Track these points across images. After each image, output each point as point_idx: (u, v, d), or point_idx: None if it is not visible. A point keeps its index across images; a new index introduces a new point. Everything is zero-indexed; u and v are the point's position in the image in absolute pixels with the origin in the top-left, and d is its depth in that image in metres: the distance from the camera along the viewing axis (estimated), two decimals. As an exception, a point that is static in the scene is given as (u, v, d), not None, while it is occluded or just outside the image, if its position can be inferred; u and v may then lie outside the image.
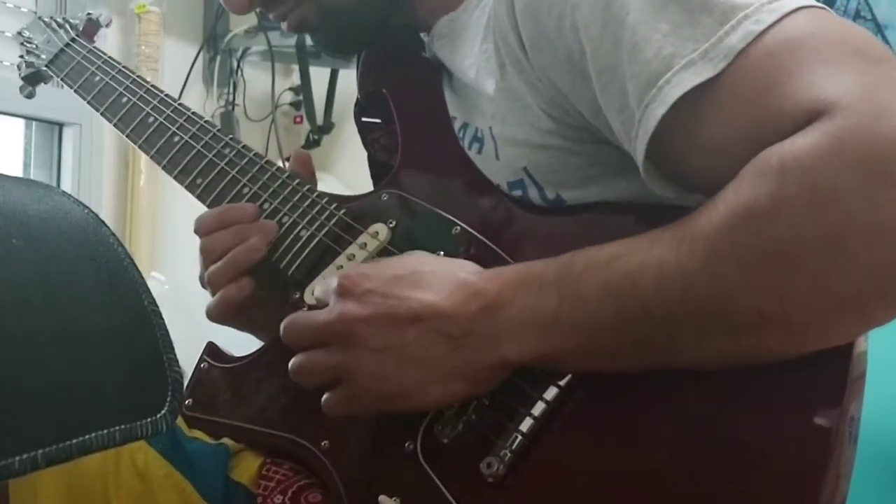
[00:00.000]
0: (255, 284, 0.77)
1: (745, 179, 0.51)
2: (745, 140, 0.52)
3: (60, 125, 1.86)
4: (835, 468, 0.53)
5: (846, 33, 0.53)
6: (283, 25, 0.83)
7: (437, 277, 0.61)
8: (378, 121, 0.84)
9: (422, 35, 0.85)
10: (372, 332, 0.60)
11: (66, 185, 1.83)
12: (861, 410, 0.58)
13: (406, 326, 0.59)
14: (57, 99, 1.79)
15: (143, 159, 1.89)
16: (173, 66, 1.97)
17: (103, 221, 0.50)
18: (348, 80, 2.16)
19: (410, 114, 0.78)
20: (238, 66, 2.13)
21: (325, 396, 0.64)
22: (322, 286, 0.66)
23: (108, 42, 0.95)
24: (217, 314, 0.78)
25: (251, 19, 2.05)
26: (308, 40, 1.99)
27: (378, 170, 0.88)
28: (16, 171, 1.85)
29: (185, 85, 1.95)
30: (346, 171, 2.21)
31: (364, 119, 0.85)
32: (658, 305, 0.53)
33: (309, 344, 0.64)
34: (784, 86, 0.51)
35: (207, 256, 0.78)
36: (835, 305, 0.49)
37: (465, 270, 0.62)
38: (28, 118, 1.84)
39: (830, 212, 0.47)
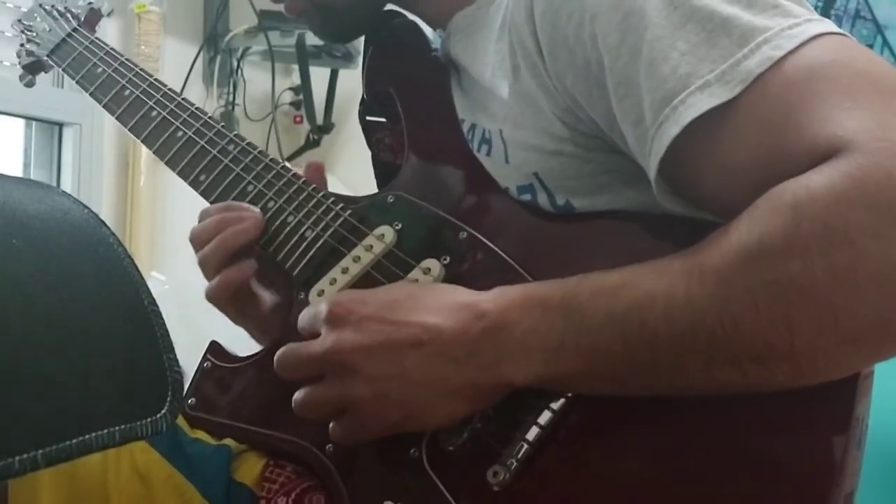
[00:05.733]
0: (256, 273, 0.77)
1: (758, 213, 0.51)
2: (758, 167, 0.52)
3: (60, 125, 1.86)
4: (843, 469, 0.53)
5: (866, 64, 0.53)
6: (283, 8, 0.84)
7: (436, 300, 0.61)
8: (383, 120, 0.84)
9: (437, 32, 0.84)
10: (370, 360, 0.59)
11: (66, 185, 1.83)
12: (868, 409, 0.58)
13: (406, 353, 0.59)
14: (57, 99, 1.79)
15: (143, 159, 1.89)
16: (173, 66, 1.97)
17: (103, 221, 0.50)
18: (348, 80, 2.16)
19: (417, 114, 0.78)
20: (238, 65, 2.13)
21: (331, 427, 0.63)
22: (309, 313, 0.64)
23: (108, 42, 0.95)
24: (215, 296, 0.78)
25: (251, 19, 2.05)
26: (308, 40, 2.00)
27: (382, 169, 0.87)
28: (16, 171, 1.85)
29: (185, 85, 1.95)
30: (346, 171, 2.21)
31: (369, 118, 0.85)
32: (665, 336, 0.53)
33: (303, 376, 0.63)
34: (801, 117, 0.51)
35: (194, 244, 0.78)
36: (843, 342, 0.49)
37: (462, 291, 0.61)
38: (28, 118, 1.84)
39: (842, 250, 0.47)
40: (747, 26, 0.54)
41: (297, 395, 0.64)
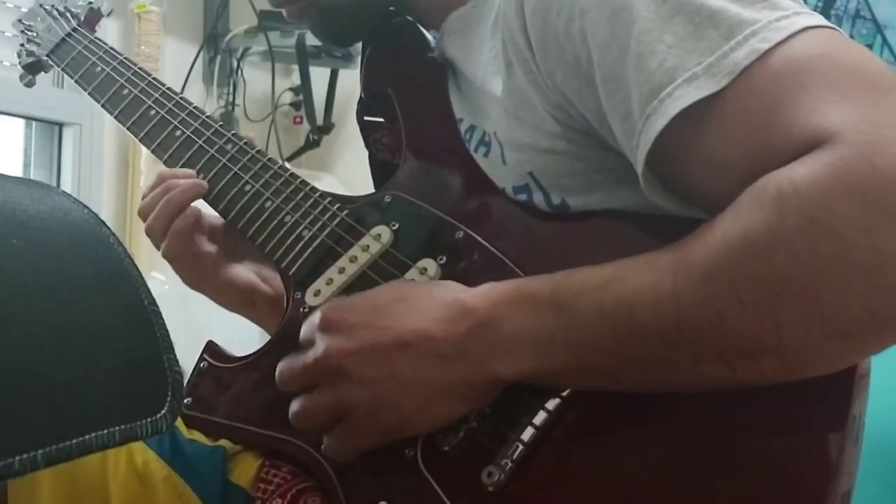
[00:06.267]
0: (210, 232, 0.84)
1: (742, 206, 0.51)
2: (745, 160, 0.52)
3: (60, 125, 1.86)
4: (840, 467, 0.53)
5: (854, 58, 0.52)
6: (284, 13, 0.84)
7: (423, 301, 0.61)
8: (381, 120, 0.84)
9: (432, 32, 0.84)
10: (362, 364, 0.60)
11: (66, 185, 1.83)
12: (865, 408, 0.58)
13: (396, 355, 0.59)
14: (57, 99, 1.79)
15: (143, 159, 1.89)
16: (173, 66, 1.97)
17: (103, 221, 0.50)
18: (348, 80, 2.16)
19: (415, 114, 0.78)
20: (238, 66, 2.13)
21: (326, 439, 0.63)
22: (308, 324, 0.65)
23: (108, 42, 0.95)
24: (170, 250, 0.83)
25: (251, 19, 2.05)
26: (308, 41, 2.00)
27: (379, 169, 0.87)
28: (16, 171, 1.85)
29: (185, 85, 1.95)
30: (346, 171, 2.21)
31: (366, 118, 0.85)
32: (652, 329, 0.53)
33: (300, 386, 0.63)
34: (787, 109, 0.51)
35: (143, 216, 0.84)
36: (829, 335, 0.49)
37: (451, 289, 0.62)
38: (28, 118, 1.84)
39: (827, 242, 0.47)
40: (735, 19, 0.54)
41: (293, 404, 0.63)
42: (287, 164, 0.82)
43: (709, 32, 0.54)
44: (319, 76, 2.15)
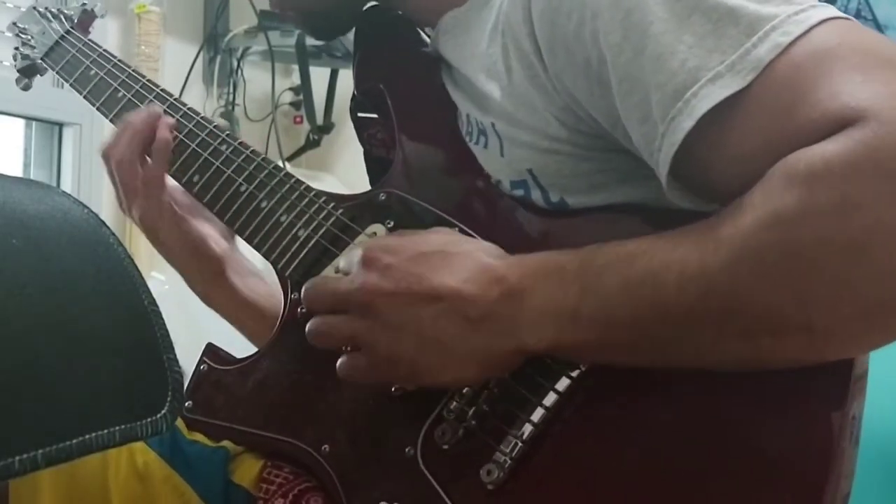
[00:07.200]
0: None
1: (772, 184, 0.50)
2: (771, 150, 0.52)
3: (60, 125, 1.86)
4: (838, 468, 0.53)
5: (874, 44, 0.53)
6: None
7: (461, 259, 0.61)
8: (375, 116, 0.83)
9: (426, 30, 0.84)
10: (390, 307, 0.60)
11: (66, 185, 1.83)
12: (863, 410, 0.58)
13: (424, 305, 0.59)
14: (57, 99, 1.79)
15: (143, 159, 1.89)
16: (173, 66, 1.97)
17: (103, 221, 0.50)
18: (348, 79, 2.15)
19: (408, 109, 0.77)
20: (238, 65, 2.13)
21: (341, 360, 0.63)
22: (347, 257, 0.65)
23: (109, 42, 0.96)
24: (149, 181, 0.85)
25: (251, 19, 2.05)
26: (308, 41, 2.00)
27: (374, 166, 0.87)
28: (16, 171, 1.85)
29: (185, 85, 1.95)
30: (347, 171, 2.21)
31: (360, 114, 0.85)
32: (678, 305, 0.53)
33: (328, 308, 0.64)
34: (812, 95, 0.51)
35: (109, 155, 0.85)
36: (856, 313, 0.48)
37: (490, 254, 0.62)
38: (28, 118, 1.84)
39: (858, 219, 0.47)
40: (754, 15, 0.54)
41: (314, 320, 0.64)
42: (287, 165, 0.82)
43: (728, 30, 0.54)
44: (319, 76, 2.15)
